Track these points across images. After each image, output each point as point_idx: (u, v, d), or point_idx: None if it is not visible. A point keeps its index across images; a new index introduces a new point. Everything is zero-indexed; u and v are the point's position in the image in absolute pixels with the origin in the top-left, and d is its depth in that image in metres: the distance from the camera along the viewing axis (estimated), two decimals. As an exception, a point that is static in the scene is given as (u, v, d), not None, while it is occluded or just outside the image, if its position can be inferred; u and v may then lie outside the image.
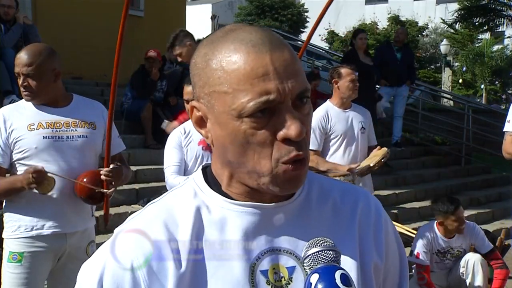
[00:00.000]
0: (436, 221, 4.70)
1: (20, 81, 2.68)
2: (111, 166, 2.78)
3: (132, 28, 9.19)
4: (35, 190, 2.61)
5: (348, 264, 0.98)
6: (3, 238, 2.80)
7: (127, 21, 2.61)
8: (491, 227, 7.22)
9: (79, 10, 8.62)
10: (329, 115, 4.27)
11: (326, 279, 0.86)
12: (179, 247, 0.94)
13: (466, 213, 7.86)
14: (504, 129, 3.57)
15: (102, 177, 2.74)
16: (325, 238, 0.92)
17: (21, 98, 2.82)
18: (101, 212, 4.85)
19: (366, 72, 7.59)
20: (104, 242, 0.99)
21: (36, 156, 2.64)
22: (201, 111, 0.96)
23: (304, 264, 0.91)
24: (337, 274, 0.87)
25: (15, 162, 2.67)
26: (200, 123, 0.98)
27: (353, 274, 0.97)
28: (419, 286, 4.54)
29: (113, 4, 9.87)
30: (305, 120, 0.93)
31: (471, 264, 4.63)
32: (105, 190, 2.76)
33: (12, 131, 2.64)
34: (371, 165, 4.13)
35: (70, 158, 2.69)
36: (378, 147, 4.29)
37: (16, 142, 2.64)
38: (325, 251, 0.90)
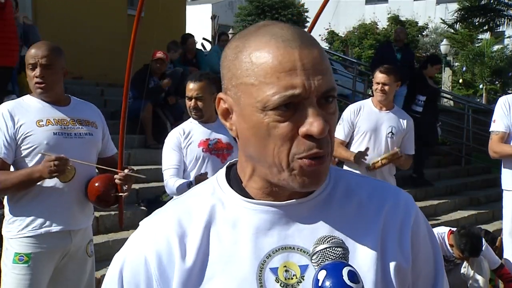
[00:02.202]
0: (448, 230, 4.65)
1: (36, 72, 2.65)
2: (126, 171, 2.82)
3: (132, 28, 9.17)
4: (55, 180, 2.62)
5: (366, 263, 0.97)
6: (1, 237, 2.79)
7: (127, 21, 2.65)
8: (491, 227, 7.22)
9: (79, 10, 8.62)
10: (361, 110, 4.35)
11: (333, 276, 0.87)
12: (189, 243, 0.97)
13: (466, 213, 7.88)
14: (490, 129, 3.60)
15: (117, 181, 2.78)
16: (333, 235, 0.92)
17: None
18: (101, 213, 4.87)
19: (433, 96, 8.09)
20: (104, 242, 1.00)
21: (47, 151, 2.63)
22: (227, 103, 0.98)
23: (312, 261, 0.91)
24: (345, 271, 0.87)
25: (23, 158, 2.64)
26: (226, 115, 0.99)
27: (371, 274, 0.96)
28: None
29: (113, 4, 9.88)
30: (329, 118, 0.93)
31: (473, 264, 4.63)
32: (120, 194, 2.81)
33: (20, 126, 2.63)
34: (379, 159, 4.18)
35: (77, 155, 2.70)
36: (395, 148, 4.29)
37: (25, 137, 2.62)
38: (333, 248, 0.90)
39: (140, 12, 2.72)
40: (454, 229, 4.66)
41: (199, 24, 23.57)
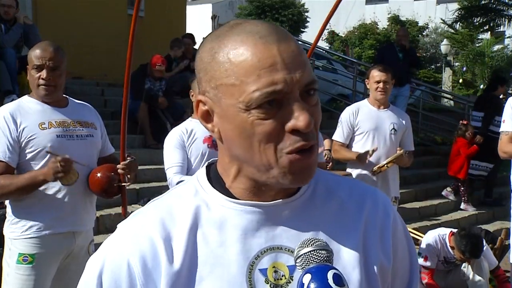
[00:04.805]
0: (449, 232, 4.66)
1: (42, 74, 2.62)
2: (128, 159, 2.82)
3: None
4: (58, 182, 2.59)
5: (350, 263, 0.97)
6: (3, 236, 2.78)
7: (127, 21, 2.65)
8: (492, 227, 7.22)
9: (79, 10, 8.61)
10: (359, 111, 4.36)
11: (318, 279, 0.86)
12: (175, 245, 0.94)
13: (467, 213, 7.88)
14: (500, 129, 3.62)
15: (120, 171, 2.77)
16: (317, 238, 0.91)
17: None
18: (101, 213, 4.87)
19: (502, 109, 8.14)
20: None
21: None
22: (207, 105, 0.96)
23: (297, 264, 0.90)
24: (330, 274, 0.86)
25: (27, 161, 2.62)
26: (206, 117, 0.97)
27: (355, 274, 0.96)
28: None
29: (113, 4, 9.87)
30: (313, 111, 0.92)
31: (473, 264, 4.63)
32: (123, 184, 2.80)
33: (23, 129, 2.60)
34: (384, 163, 4.19)
35: (80, 157, 2.69)
36: (398, 148, 4.31)
37: (29, 140, 2.60)
38: (317, 251, 0.89)
39: (137, 12, 2.70)
40: (455, 230, 4.66)
41: (199, 24, 23.56)
